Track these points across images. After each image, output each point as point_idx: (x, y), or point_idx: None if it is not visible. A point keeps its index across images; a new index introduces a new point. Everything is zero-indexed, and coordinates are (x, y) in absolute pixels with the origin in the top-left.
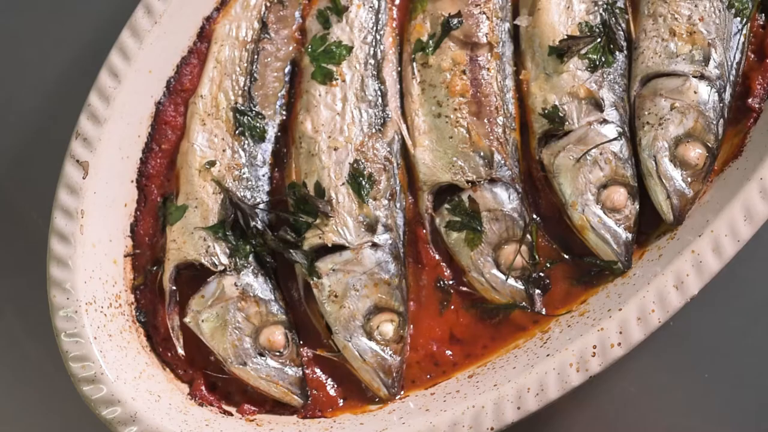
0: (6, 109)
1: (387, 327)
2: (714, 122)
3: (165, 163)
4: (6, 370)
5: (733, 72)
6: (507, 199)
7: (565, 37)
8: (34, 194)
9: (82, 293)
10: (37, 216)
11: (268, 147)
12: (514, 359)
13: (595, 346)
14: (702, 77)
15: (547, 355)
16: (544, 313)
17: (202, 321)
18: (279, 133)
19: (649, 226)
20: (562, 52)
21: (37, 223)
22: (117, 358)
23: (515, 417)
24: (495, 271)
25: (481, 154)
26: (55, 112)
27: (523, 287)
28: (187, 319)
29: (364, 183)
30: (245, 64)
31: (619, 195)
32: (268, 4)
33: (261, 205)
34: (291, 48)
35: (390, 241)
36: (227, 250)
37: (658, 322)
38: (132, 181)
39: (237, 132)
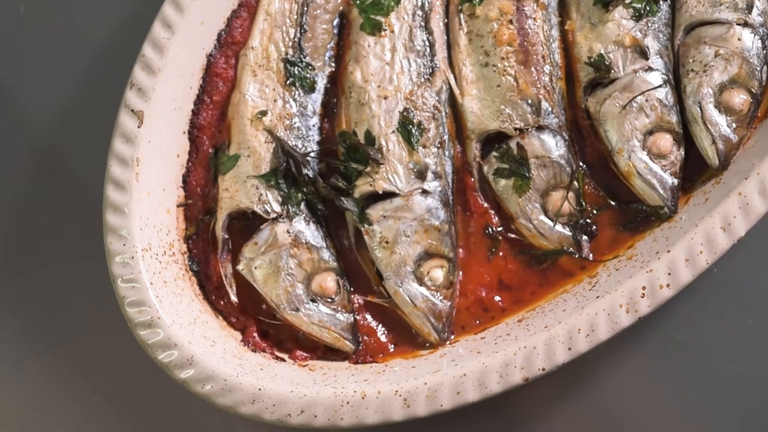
0: (59, 63)
1: (437, 272)
2: (758, 69)
3: (216, 115)
4: (59, 321)
5: None
6: (554, 146)
7: None
8: (85, 149)
9: (138, 240)
10: (88, 175)
11: (318, 97)
12: (563, 303)
13: (644, 287)
14: (746, 24)
15: (597, 297)
16: (591, 258)
17: (255, 268)
18: (328, 85)
19: (695, 173)
20: (607, 1)
21: (87, 180)
22: (172, 304)
23: (566, 358)
24: (543, 218)
25: (529, 101)
26: (105, 68)
27: (570, 233)
28: (240, 267)
29: (413, 130)
30: (295, 16)
31: (665, 141)
32: None
33: (312, 154)
34: (339, 1)
35: (439, 188)
36: (279, 198)
37: (706, 264)
38: (184, 132)
39: (288, 82)
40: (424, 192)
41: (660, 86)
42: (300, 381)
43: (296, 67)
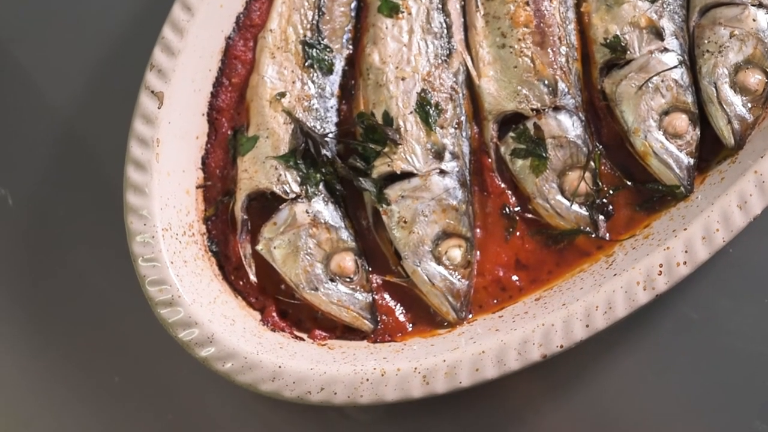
0: (79, 46)
1: (455, 252)
2: None
3: (234, 97)
4: (80, 302)
5: None
6: (571, 126)
7: None
8: (105, 132)
9: (159, 219)
10: (108, 158)
11: (336, 79)
12: (581, 281)
13: (661, 265)
14: (760, 5)
15: (614, 275)
16: (608, 238)
17: (274, 248)
18: (346, 67)
19: (710, 153)
20: None
21: (107, 162)
22: (192, 283)
23: (584, 335)
24: (559, 197)
25: (546, 82)
26: (125, 51)
27: (587, 213)
28: (259, 247)
29: (431, 111)
30: None
31: (680, 121)
32: None
33: (330, 135)
34: None
35: (457, 169)
36: (298, 179)
37: (722, 241)
38: (203, 115)
39: (306, 64)
40: (442, 172)
41: (675, 67)
42: (320, 359)
43: (314, 50)
